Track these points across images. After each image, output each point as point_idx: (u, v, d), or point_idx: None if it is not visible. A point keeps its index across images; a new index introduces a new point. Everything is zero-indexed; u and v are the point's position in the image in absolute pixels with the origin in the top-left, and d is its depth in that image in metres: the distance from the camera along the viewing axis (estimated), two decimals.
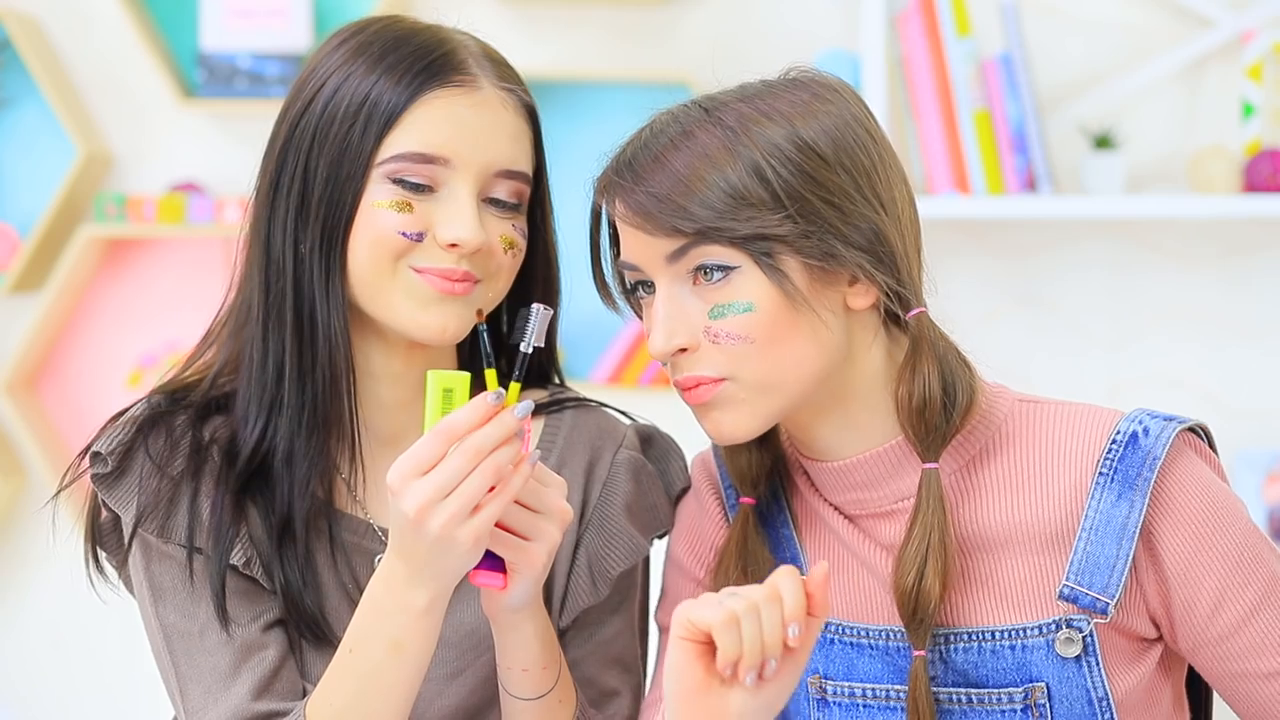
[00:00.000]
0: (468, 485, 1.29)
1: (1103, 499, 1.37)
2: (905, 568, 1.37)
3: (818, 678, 1.45)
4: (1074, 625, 1.37)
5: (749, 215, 1.33)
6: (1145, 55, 3.16)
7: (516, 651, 1.41)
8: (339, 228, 1.42)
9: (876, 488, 1.42)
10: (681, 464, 1.60)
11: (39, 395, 3.31)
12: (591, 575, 1.51)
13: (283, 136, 1.45)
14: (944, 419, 1.38)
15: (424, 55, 1.43)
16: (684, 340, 1.36)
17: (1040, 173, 3.00)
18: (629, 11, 3.23)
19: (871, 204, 1.36)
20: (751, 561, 1.45)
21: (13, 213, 3.28)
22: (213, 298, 1.56)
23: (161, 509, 1.44)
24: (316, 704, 1.38)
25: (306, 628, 1.45)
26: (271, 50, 3.18)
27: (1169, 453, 1.38)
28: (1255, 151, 3.03)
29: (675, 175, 1.34)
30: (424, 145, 1.41)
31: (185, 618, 1.44)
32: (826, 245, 1.34)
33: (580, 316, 3.30)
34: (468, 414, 1.30)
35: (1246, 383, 3.18)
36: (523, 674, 1.42)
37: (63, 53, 3.27)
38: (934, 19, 2.98)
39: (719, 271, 1.35)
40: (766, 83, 1.41)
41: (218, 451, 1.46)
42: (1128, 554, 1.36)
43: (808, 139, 1.35)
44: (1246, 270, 3.20)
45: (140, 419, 1.47)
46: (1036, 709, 1.38)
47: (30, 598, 3.34)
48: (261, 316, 1.45)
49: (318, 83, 1.44)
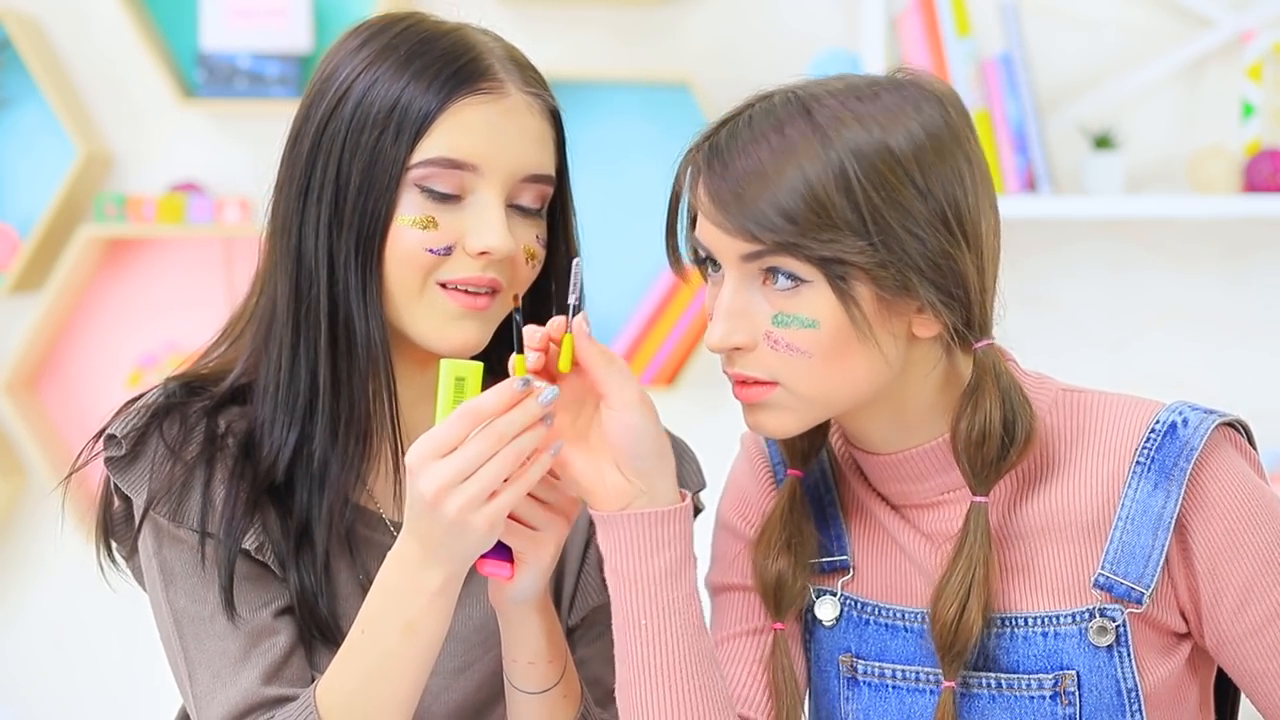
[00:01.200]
0: (487, 470, 1.29)
1: (1139, 488, 1.37)
2: (946, 601, 1.36)
3: (849, 656, 1.45)
4: (1107, 614, 1.37)
5: (829, 237, 1.31)
6: (1145, 55, 3.16)
7: (522, 644, 1.41)
8: (375, 238, 1.41)
9: (922, 481, 1.42)
10: (695, 465, 1.60)
11: (39, 395, 3.31)
12: (601, 574, 1.51)
13: (310, 139, 1.43)
14: (1000, 454, 1.37)
15: (452, 60, 1.43)
16: (742, 340, 1.36)
17: (1040, 173, 3.00)
18: (629, 11, 3.23)
19: (959, 242, 1.34)
20: (795, 534, 1.45)
21: (13, 213, 3.28)
22: (213, 298, 1.55)
23: (175, 493, 1.44)
24: (327, 688, 1.38)
25: (317, 629, 1.45)
26: (271, 50, 3.18)
27: (1206, 445, 1.37)
28: (1255, 151, 3.03)
29: (760, 172, 1.32)
30: (454, 151, 1.41)
31: (195, 602, 1.43)
32: (903, 278, 1.32)
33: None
34: (493, 398, 1.30)
35: (1246, 383, 3.18)
36: (528, 667, 1.42)
37: (63, 53, 3.27)
38: (934, 19, 2.98)
39: (790, 280, 1.34)
40: (870, 80, 1.37)
41: (234, 443, 1.46)
42: (1163, 544, 1.36)
43: (896, 151, 1.32)
44: (1246, 270, 3.21)
45: (156, 405, 1.47)
46: (1066, 697, 1.38)
47: (30, 597, 3.34)
48: (292, 323, 1.44)
49: (343, 84, 1.43)
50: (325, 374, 1.43)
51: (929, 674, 1.42)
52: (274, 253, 1.46)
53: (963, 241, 1.34)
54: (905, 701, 1.43)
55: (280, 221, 1.45)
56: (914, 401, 1.40)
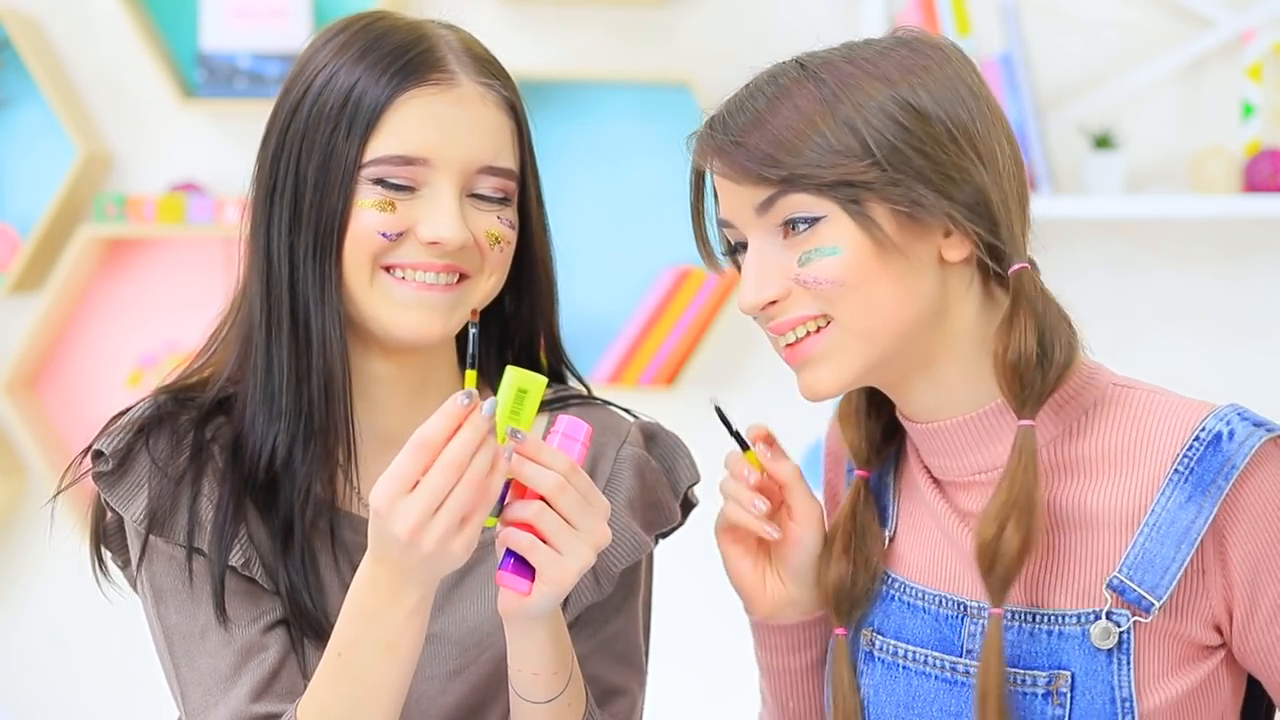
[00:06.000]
0: (453, 501, 1.29)
1: (1172, 497, 1.35)
2: (988, 521, 1.35)
3: (870, 631, 1.45)
4: (1114, 618, 1.36)
5: (834, 161, 1.33)
6: (1145, 55, 3.16)
7: (528, 655, 1.40)
8: (332, 234, 1.42)
9: (960, 455, 1.41)
10: (689, 461, 1.60)
11: (39, 395, 3.31)
12: (594, 573, 1.50)
13: (275, 138, 1.45)
14: (1039, 375, 1.37)
15: (401, 53, 1.43)
16: (774, 292, 1.37)
17: (1040, 173, 3.00)
18: (629, 11, 3.23)
19: (966, 154, 1.35)
20: (859, 535, 1.46)
21: (13, 213, 3.28)
22: (213, 298, 1.56)
23: (163, 509, 1.44)
24: (307, 708, 1.38)
25: (309, 627, 1.45)
26: (271, 50, 3.18)
27: (1250, 461, 1.35)
28: (1255, 151, 3.03)
29: (770, 131, 1.35)
30: (403, 147, 1.41)
31: (186, 619, 1.44)
32: (914, 193, 1.33)
33: (580, 316, 3.30)
34: (441, 423, 1.29)
35: (1246, 383, 3.18)
36: (533, 677, 1.41)
37: (63, 53, 3.27)
38: (934, 19, 2.98)
39: (806, 223, 1.35)
40: (870, 41, 1.41)
41: (219, 451, 1.46)
42: (1184, 558, 1.34)
43: (906, 98, 1.35)
44: (1246, 270, 3.21)
45: (144, 419, 1.47)
46: (1057, 697, 1.36)
47: (30, 598, 3.34)
48: (264, 324, 1.45)
49: (305, 83, 1.45)
50: (289, 370, 1.44)
51: (940, 660, 1.41)
52: (250, 255, 1.47)
53: (973, 155, 1.36)
54: (914, 684, 1.42)
55: (253, 223, 1.47)
56: (952, 349, 1.39)
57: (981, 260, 1.38)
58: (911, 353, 1.38)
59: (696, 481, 1.59)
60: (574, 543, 1.33)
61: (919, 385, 1.41)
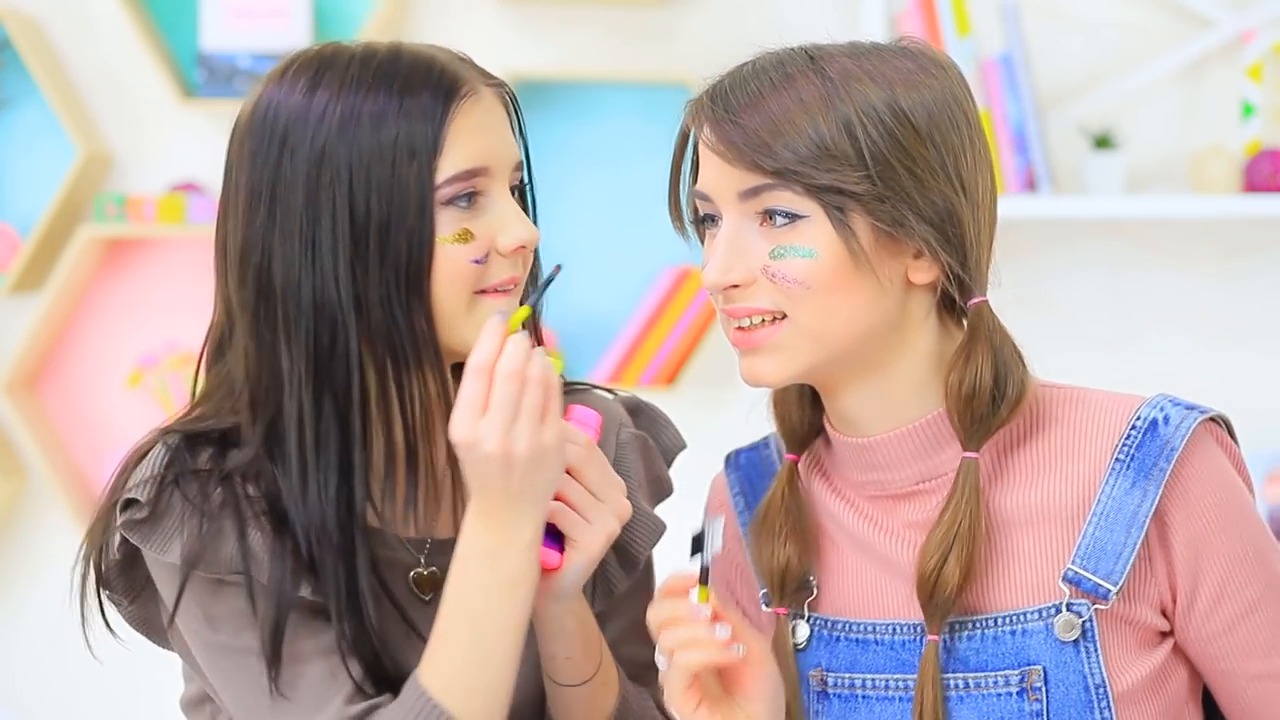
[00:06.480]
0: (527, 401, 1.34)
1: (1116, 485, 1.38)
2: (929, 552, 1.37)
3: (820, 670, 1.45)
4: (1074, 609, 1.37)
5: (829, 166, 1.34)
6: (1145, 55, 3.16)
7: (559, 640, 1.43)
8: (422, 268, 1.40)
9: (903, 467, 1.42)
10: (672, 429, 1.62)
11: (39, 395, 3.31)
12: (620, 560, 1.52)
13: (301, 192, 1.40)
14: (991, 410, 1.39)
15: (427, 76, 1.42)
16: (739, 277, 1.38)
17: (1040, 173, 3.00)
18: (629, 11, 3.23)
19: (952, 183, 1.37)
20: (797, 517, 1.47)
21: (13, 213, 3.28)
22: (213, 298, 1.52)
23: (210, 545, 1.40)
24: (430, 668, 1.38)
25: (357, 649, 1.43)
26: (271, 50, 3.18)
27: (1188, 444, 1.38)
28: (1255, 151, 3.03)
29: (768, 115, 1.36)
30: (468, 161, 1.41)
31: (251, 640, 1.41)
32: (898, 213, 1.35)
33: (580, 317, 3.30)
34: (489, 343, 1.34)
35: (1246, 383, 3.18)
36: (566, 661, 1.45)
37: (63, 53, 3.27)
38: (934, 19, 2.98)
39: (787, 217, 1.36)
40: (877, 45, 1.42)
41: (252, 488, 1.43)
42: (1135, 542, 1.36)
43: (904, 107, 1.36)
44: (1246, 270, 3.21)
45: (167, 461, 1.43)
46: (1033, 692, 1.38)
47: (30, 597, 3.34)
48: (313, 384, 1.41)
49: (316, 130, 1.40)
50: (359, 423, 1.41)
51: (898, 681, 1.42)
52: (269, 318, 1.42)
53: (960, 188, 1.37)
54: (875, 710, 1.43)
55: (280, 282, 1.42)
56: (904, 369, 1.41)
57: (943, 288, 1.40)
58: (860, 360, 1.40)
59: (684, 447, 1.62)
60: (600, 512, 1.40)
61: (862, 391, 1.42)
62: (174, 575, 1.42)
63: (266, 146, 1.42)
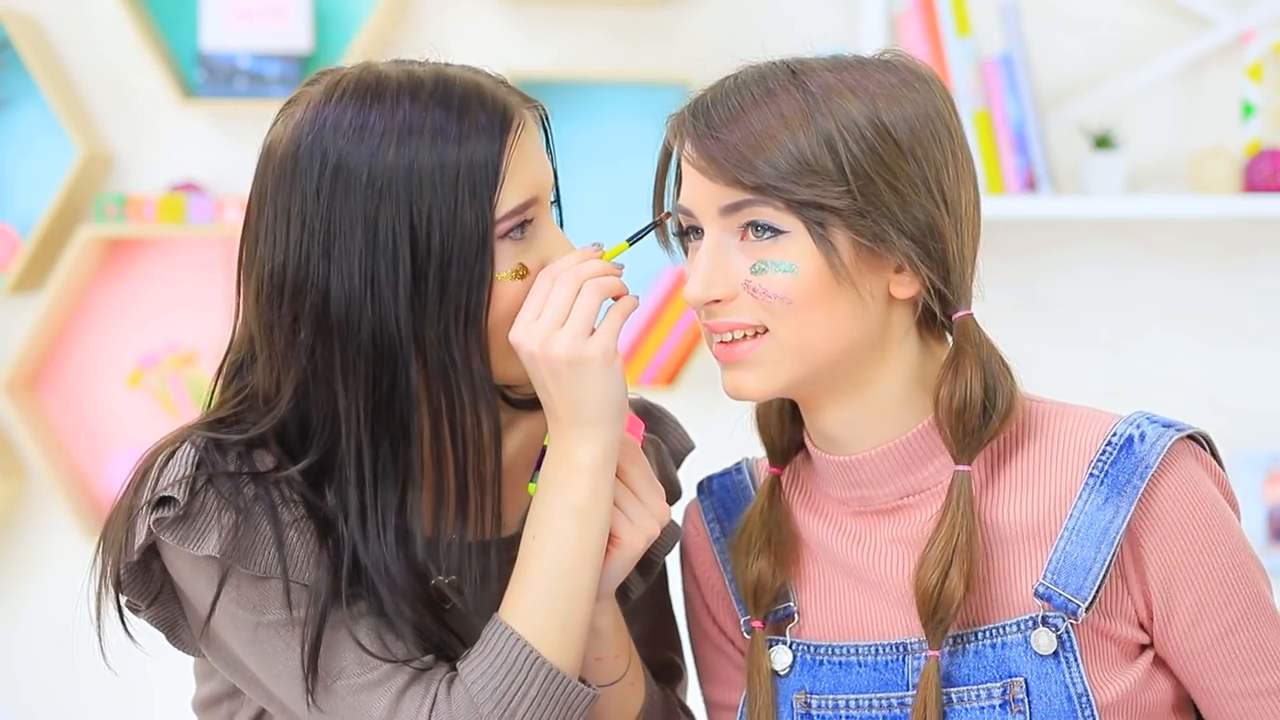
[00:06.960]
0: (579, 307, 1.37)
1: (1089, 501, 1.37)
2: (929, 567, 1.37)
3: (804, 693, 1.45)
4: (1050, 623, 1.37)
5: (810, 181, 1.34)
6: (1145, 55, 3.16)
7: (593, 641, 1.45)
8: (481, 304, 1.39)
9: (887, 482, 1.42)
10: (680, 430, 1.64)
11: (39, 395, 3.31)
12: (639, 564, 1.52)
13: (361, 233, 1.37)
14: (982, 423, 1.38)
15: (479, 106, 1.40)
16: (720, 292, 1.38)
17: (1040, 173, 3.00)
18: (629, 11, 3.23)
19: (934, 197, 1.36)
20: (775, 531, 1.47)
21: (13, 213, 3.28)
22: (213, 298, 1.52)
23: (246, 540, 1.39)
24: (514, 605, 1.39)
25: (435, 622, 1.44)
26: (271, 50, 3.18)
27: (1162, 462, 1.37)
28: (1255, 151, 3.03)
29: (749, 130, 1.36)
30: (524, 192, 1.41)
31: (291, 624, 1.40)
32: (879, 228, 1.35)
33: None
34: (569, 257, 1.39)
35: (1246, 383, 3.18)
36: (596, 662, 1.46)
37: (63, 53, 3.27)
38: (934, 19, 2.98)
39: (769, 232, 1.36)
40: (859, 59, 1.41)
41: (287, 490, 1.41)
42: (1105, 559, 1.36)
43: (886, 122, 1.36)
44: (1246, 270, 3.21)
45: (196, 457, 1.41)
46: (1015, 704, 1.37)
47: (30, 597, 3.34)
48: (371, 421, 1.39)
49: (371, 165, 1.37)
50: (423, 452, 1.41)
51: (882, 700, 1.42)
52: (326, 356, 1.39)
53: (942, 203, 1.37)
54: None
55: (338, 321, 1.38)
56: (885, 384, 1.41)
57: (925, 304, 1.40)
58: (842, 375, 1.40)
59: (692, 449, 1.64)
60: (642, 512, 1.43)
61: (844, 409, 1.42)
62: (211, 571, 1.40)
63: (318, 179, 1.38)
